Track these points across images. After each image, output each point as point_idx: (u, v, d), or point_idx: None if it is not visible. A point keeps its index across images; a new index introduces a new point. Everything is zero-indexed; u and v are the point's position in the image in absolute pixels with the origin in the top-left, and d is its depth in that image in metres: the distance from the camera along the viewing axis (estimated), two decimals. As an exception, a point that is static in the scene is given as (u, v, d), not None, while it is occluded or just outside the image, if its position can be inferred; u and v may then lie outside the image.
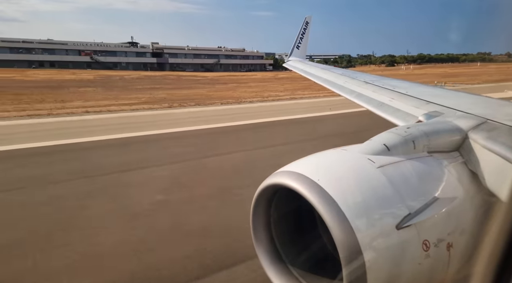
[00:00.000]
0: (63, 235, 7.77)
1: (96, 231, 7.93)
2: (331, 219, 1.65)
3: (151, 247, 7.27)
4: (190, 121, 21.98)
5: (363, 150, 2.04)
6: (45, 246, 7.33)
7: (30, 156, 14.12)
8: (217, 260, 6.74)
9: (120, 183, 11.21)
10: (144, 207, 9.19)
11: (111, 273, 6.42)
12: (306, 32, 13.74)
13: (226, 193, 10.07)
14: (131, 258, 6.86)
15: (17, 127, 20.31)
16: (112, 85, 48.88)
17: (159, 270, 6.46)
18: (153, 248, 7.23)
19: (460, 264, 1.95)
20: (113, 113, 25.29)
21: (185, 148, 15.49)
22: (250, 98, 35.01)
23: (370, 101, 4.56)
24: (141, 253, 7.06)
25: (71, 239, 7.58)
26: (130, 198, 9.87)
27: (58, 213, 8.94)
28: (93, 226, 8.22)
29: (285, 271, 2.09)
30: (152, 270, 6.47)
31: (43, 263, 6.78)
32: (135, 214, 8.80)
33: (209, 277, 6.26)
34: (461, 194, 2.02)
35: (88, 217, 8.68)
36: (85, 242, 7.49)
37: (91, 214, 8.90)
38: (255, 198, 2.04)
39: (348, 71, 7.53)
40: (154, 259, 6.81)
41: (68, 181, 11.27)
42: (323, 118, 23.46)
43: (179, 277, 6.27)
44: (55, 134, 17.74)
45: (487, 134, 2.25)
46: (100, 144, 16.18)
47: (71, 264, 6.71)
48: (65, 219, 8.60)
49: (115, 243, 7.43)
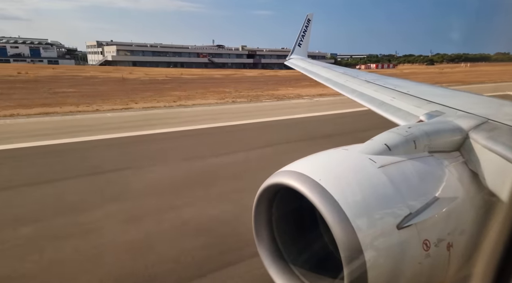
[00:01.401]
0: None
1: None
2: (332, 219, 1.66)
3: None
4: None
5: (364, 149, 2.05)
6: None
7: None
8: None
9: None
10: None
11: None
12: (307, 30, 13.70)
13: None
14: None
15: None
16: (278, 80, 54.99)
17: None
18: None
19: (460, 264, 1.96)
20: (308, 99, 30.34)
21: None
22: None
23: (371, 100, 4.56)
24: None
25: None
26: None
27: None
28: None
29: (286, 270, 2.11)
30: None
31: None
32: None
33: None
34: (462, 194, 2.03)
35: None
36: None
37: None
38: (257, 198, 2.05)
39: (349, 70, 7.51)
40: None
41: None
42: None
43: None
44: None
45: (488, 134, 2.26)
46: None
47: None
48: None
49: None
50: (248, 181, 9.17)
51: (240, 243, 6.37)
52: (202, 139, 15.03)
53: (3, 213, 7.92)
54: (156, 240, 6.71)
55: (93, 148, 13.23)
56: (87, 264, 5.98)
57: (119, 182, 9.85)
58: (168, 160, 11.97)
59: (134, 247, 6.47)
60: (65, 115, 20.31)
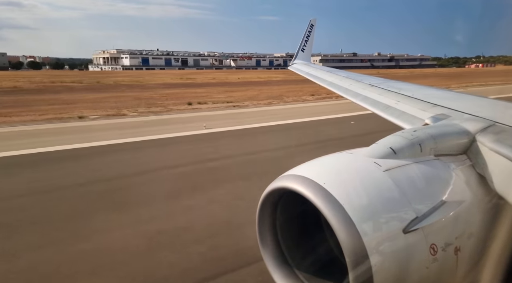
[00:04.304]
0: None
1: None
2: (337, 223, 1.64)
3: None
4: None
5: (369, 153, 2.03)
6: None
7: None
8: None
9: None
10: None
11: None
12: (311, 35, 13.73)
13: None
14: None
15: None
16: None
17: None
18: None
19: (468, 268, 1.93)
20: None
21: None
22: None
23: (375, 104, 4.54)
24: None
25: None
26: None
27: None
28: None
29: (291, 274, 2.09)
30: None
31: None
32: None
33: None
34: (469, 197, 2.00)
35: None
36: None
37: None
38: (261, 202, 2.04)
39: (352, 73, 7.49)
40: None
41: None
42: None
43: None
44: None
45: (495, 137, 2.23)
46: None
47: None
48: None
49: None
50: None
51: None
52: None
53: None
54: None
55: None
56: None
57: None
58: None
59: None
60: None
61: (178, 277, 6.38)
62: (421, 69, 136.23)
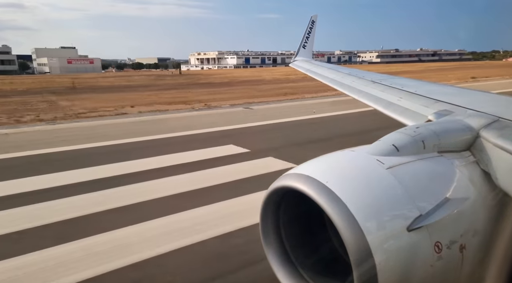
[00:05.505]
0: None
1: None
2: (341, 221, 1.63)
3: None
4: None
5: (371, 151, 2.02)
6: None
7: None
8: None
9: None
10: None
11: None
12: (312, 32, 13.66)
13: None
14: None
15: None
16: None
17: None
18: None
19: (473, 266, 1.92)
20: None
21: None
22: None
23: (378, 101, 4.52)
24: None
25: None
26: None
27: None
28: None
29: (295, 273, 2.09)
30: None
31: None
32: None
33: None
34: (473, 194, 1.98)
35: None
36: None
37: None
38: (264, 201, 2.04)
39: (354, 70, 7.46)
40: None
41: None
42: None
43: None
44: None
45: (499, 133, 2.21)
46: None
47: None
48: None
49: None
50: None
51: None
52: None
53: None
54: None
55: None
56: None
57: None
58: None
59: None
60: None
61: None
62: (470, 61, 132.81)
